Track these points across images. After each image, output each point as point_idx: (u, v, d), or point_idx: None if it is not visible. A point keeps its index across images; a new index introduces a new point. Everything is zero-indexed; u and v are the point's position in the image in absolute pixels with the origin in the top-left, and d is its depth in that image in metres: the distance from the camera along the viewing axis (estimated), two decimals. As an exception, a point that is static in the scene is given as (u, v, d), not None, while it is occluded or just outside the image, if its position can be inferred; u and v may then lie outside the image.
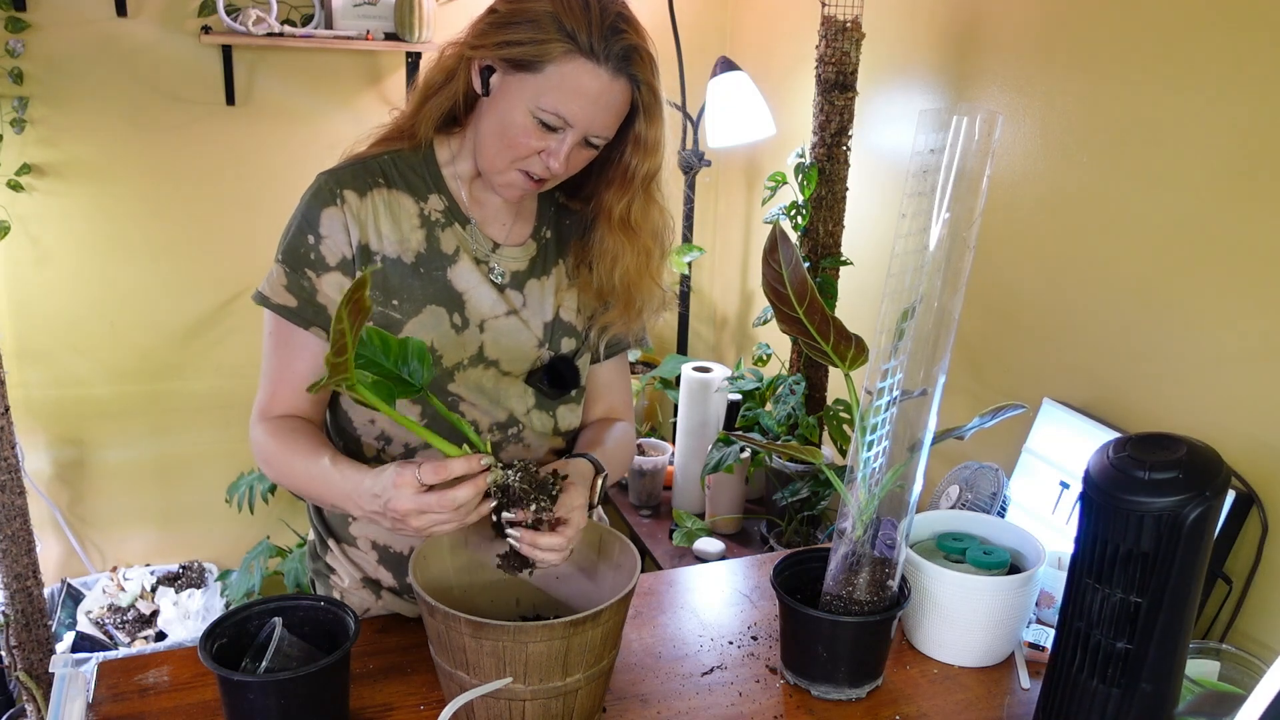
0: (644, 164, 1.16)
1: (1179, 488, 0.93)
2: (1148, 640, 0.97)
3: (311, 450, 1.11)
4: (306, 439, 1.13)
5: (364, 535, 1.25)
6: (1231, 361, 1.30)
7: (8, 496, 1.98)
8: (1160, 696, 0.98)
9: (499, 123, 1.10)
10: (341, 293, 1.12)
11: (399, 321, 1.16)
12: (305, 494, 1.14)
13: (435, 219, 1.18)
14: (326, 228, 1.13)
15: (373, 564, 1.25)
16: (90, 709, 1.07)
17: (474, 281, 1.19)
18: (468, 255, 1.19)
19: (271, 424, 1.15)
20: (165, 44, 2.27)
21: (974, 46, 1.74)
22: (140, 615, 2.41)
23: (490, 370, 1.21)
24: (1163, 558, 0.94)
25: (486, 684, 0.96)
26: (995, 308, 1.72)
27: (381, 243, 1.15)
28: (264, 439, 1.14)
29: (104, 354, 2.42)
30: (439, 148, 1.20)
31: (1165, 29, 1.37)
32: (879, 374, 1.06)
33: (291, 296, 1.14)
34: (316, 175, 1.15)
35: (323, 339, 1.14)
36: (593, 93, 1.07)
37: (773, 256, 1.07)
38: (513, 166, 1.12)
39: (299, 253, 1.14)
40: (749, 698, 1.14)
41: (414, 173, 1.18)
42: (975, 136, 1.02)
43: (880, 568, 1.12)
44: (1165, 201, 1.38)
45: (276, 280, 1.14)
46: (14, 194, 2.23)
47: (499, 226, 1.22)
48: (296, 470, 1.12)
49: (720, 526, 2.14)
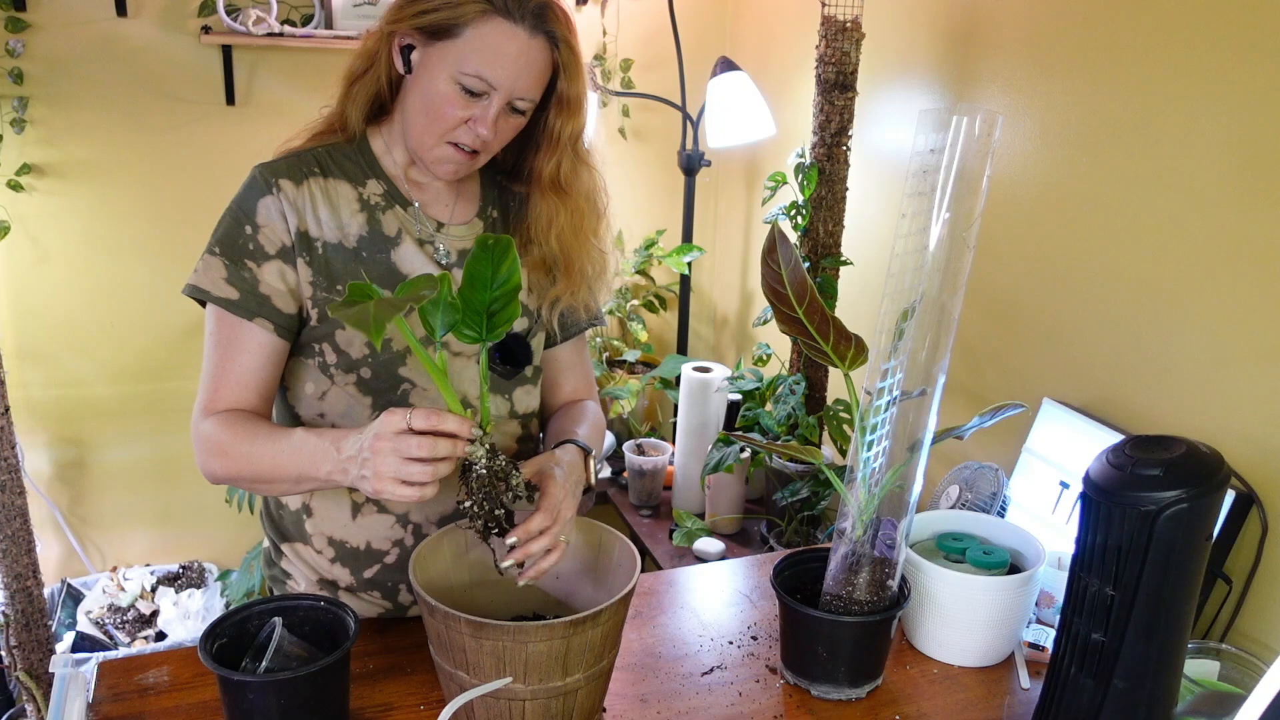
0: (568, 123, 1.17)
1: (1156, 485, 0.94)
2: (1119, 635, 0.98)
3: (276, 429, 1.09)
4: (266, 424, 1.12)
5: (319, 532, 1.24)
6: (1232, 361, 1.30)
7: (8, 496, 1.98)
8: (1134, 695, 0.98)
9: (423, 97, 1.11)
10: (283, 281, 1.12)
11: None
12: (268, 475, 1.09)
13: (375, 202, 1.18)
14: (263, 216, 1.12)
15: (328, 563, 1.24)
16: (90, 709, 1.07)
17: (419, 263, 1.19)
18: (410, 237, 1.19)
19: (221, 417, 1.11)
20: (165, 44, 2.27)
21: (974, 46, 1.74)
22: (140, 615, 2.41)
23: (442, 352, 1.20)
24: (1133, 552, 0.95)
25: (486, 684, 0.96)
26: (995, 308, 1.72)
27: (321, 229, 1.14)
28: (216, 430, 1.10)
29: (104, 354, 2.42)
30: (372, 139, 1.20)
31: (1165, 29, 1.37)
32: (879, 374, 1.06)
33: (233, 289, 1.11)
34: (250, 169, 1.15)
35: (268, 330, 1.12)
36: (512, 52, 1.07)
37: (771, 256, 1.07)
38: (442, 140, 1.12)
39: (237, 244, 1.12)
40: (749, 698, 1.14)
41: (349, 161, 1.18)
42: (975, 136, 1.02)
43: (880, 568, 1.12)
44: (1165, 201, 1.38)
45: (214, 273, 1.12)
46: (14, 194, 2.23)
47: (442, 207, 1.22)
48: (259, 451, 1.08)
49: (720, 526, 2.14)
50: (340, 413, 1.18)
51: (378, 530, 1.23)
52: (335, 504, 1.22)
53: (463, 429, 0.97)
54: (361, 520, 1.22)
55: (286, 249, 1.13)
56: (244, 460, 1.09)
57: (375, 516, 1.22)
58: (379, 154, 1.20)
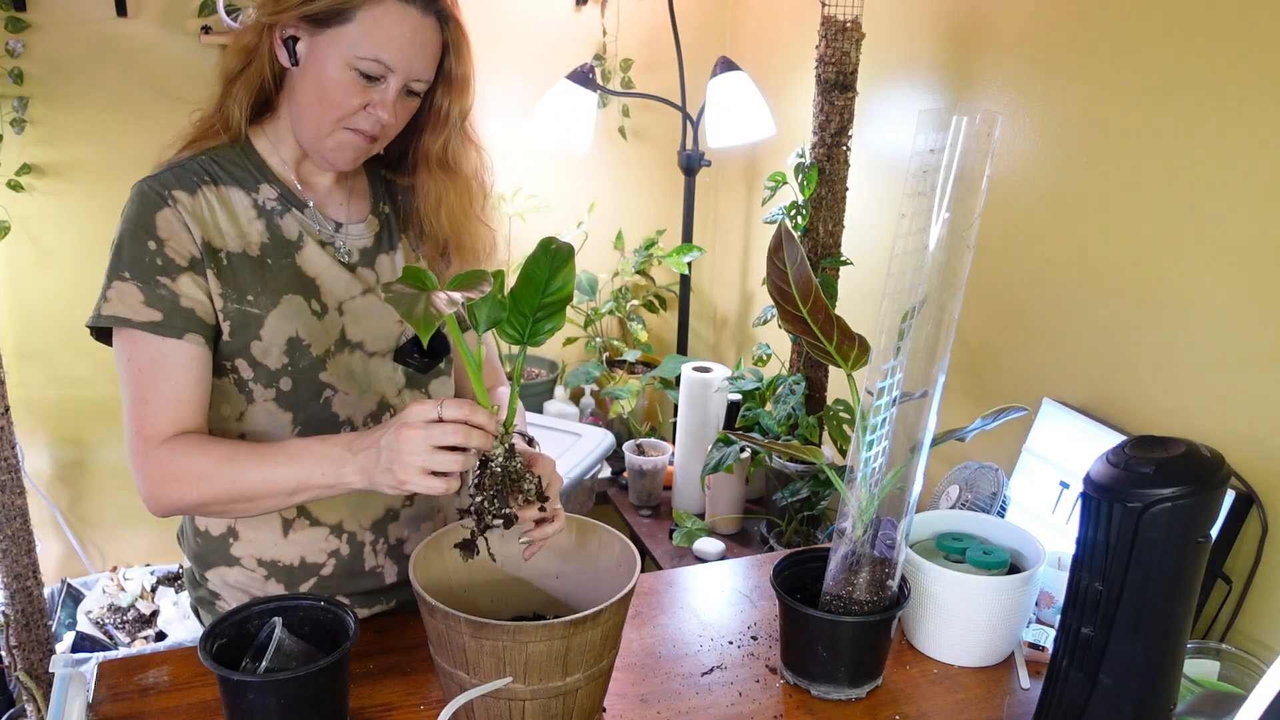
0: (456, 102, 1.17)
1: (1145, 482, 0.94)
2: (1106, 630, 0.98)
3: (257, 445, 1.05)
4: (242, 441, 1.08)
5: (248, 555, 1.21)
6: (1232, 361, 1.30)
7: (8, 496, 1.98)
8: (1120, 692, 0.99)
9: (316, 87, 1.08)
10: (201, 291, 1.08)
11: (258, 316, 1.11)
12: (254, 493, 1.02)
13: (271, 207, 1.15)
14: (165, 230, 1.07)
15: (260, 581, 1.22)
16: (90, 709, 1.07)
17: (324, 264, 1.17)
18: (312, 239, 1.17)
19: (180, 441, 1.04)
20: (165, 44, 2.27)
21: (974, 46, 1.74)
22: (140, 615, 2.41)
23: (357, 354, 1.19)
24: (1119, 548, 0.96)
25: (486, 684, 0.96)
26: (995, 308, 1.72)
27: (224, 239, 1.11)
28: (180, 456, 1.03)
29: (104, 354, 2.37)
30: (255, 139, 1.17)
31: (1165, 29, 1.37)
32: (879, 374, 1.06)
33: (154, 310, 1.05)
34: (133, 186, 1.10)
35: (199, 344, 1.07)
36: (407, 33, 1.06)
37: (778, 255, 1.08)
38: (339, 126, 1.10)
39: (144, 262, 1.06)
40: (749, 697, 1.14)
41: (236, 166, 1.15)
42: (975, 136, 1.02)
43: (880, 568, 1.12)
44: (1165, 201, 1.38)
45: (129, 298, 1.05)
46: (14, 194, 2.23)
47: (336, 206, 1.21)
48: (243, 469, 1.02)
49: (720, 526, 2.14)
50: (260, 433, 1.15)
51: (311, 544, 1.21)
52: (264, 524, 1.20)
53: (490, 424, 0.95)
54: (294, 536, 1.20)
55: (196, 260, 1.08)
56: (224, 481, 1.02)
57: (308, 530, 1.20)
58: (265, 154, 1.16)
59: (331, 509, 1.21)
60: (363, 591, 1.25)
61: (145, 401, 1.06)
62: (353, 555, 1.23)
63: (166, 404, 1.06)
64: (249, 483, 1.03)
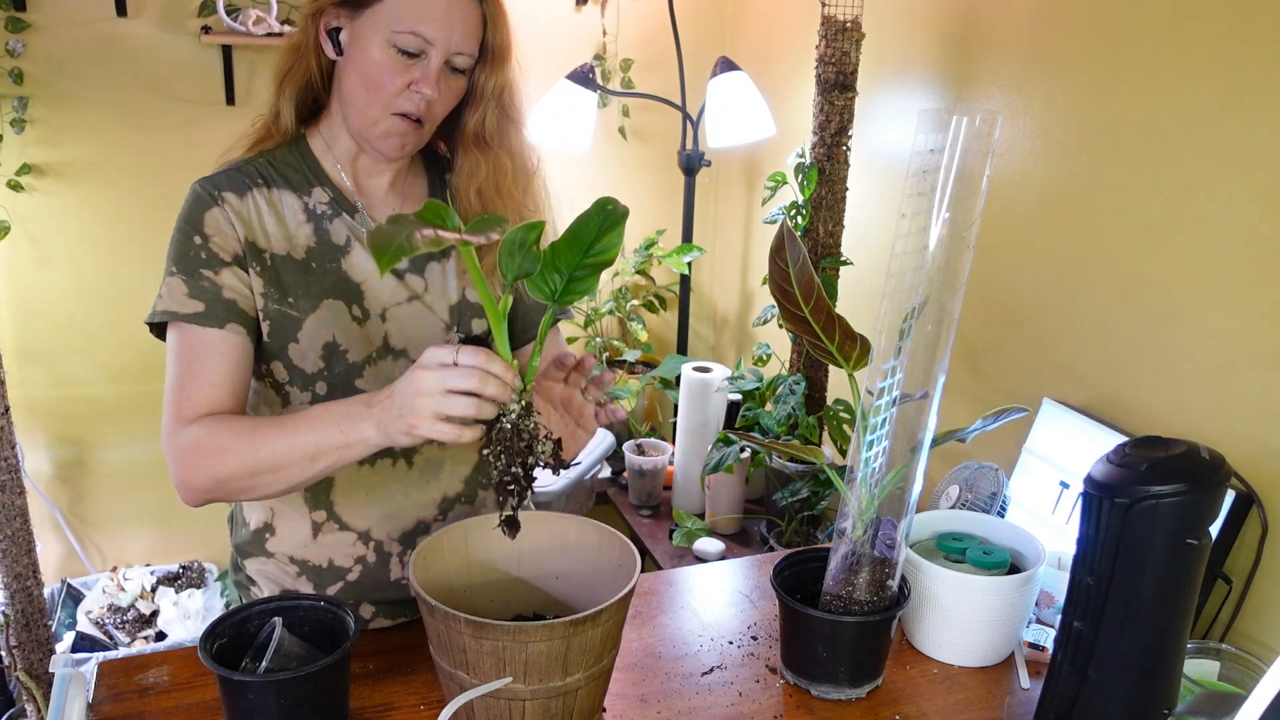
0: (493, 76, 1.16)
1: (1136, 480, 0.95)
2: (1095, 625, 0.99)
3: (278, 416, 1.04)
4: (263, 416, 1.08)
5: (281, 551, 1.22)
6: (1232, 361, 1.30)
7: (8, 496, 1.98)
8: (1107, 688, 0.99)
9: (360, 71, 1.09)
10: (244, 285, 1.10)
11: (296, 319, 1.13)
12: (277, 462, 1.01)
13: (321, 211, 1.16)
14: (211, 227, 1.10)
15: (292, 578, 1.23)
16: (90, 709, 1.07)
17: (370, 269, 1.16)
18: (360, 244, 1.16)
19: (206, 421, 1.05)
20: (165, 44, 2.27)
21: (974, 46, 1.74)
22: (140, 615, 2.41)
23: (400, 361, 1.18)
24: (1107, 543, 0.97)
25: (486, 684, 0.96)
26: (995, 308, 1.72)
27: (269, 240, 1.13)
28: (204, 433, 1.04)
29: (104, 354, 2.42)
30: (311, 140, 1.18)
31: (1166, 29, 1.37)
32: (880, 374, 1.06)
33: (197, 302, 1.08)
34: (191, 185, 1.13)
35: (239, 334, 1.09)
36: (443, 3, 1.07)
37: (780, 255, 1.07)
38: (387, 112, 1.10)
39: (189, 256, 1.09)
40: (749, 697, 1.14)
41: (291, 169, 1.16)
42: (975, 136, 1.02)
43: (880, 568, 1.12)
44: (1165, 201, 1.38)
45: (176, 292, 1.08)
46: (14, 194, 2.23)
47: (388, 210, 1.20)
48: (264, 438, 1.01)
49: (720, 526, 2.14)
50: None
51: (339, 548, 1.22)
52: (296, 523, 1.21)
53: (507, 374, 0.90)
54: (322, 539, 1.21)
55: (240, 257, 1.11)
56: (247, 453, 1.01)
57: (336, 534, 1.21)
58: (319, 155, 1.17)
59: (360, 515, 1.21)
60: (388, 601, 1.25)
61: (182, 387, 1.08)
62: (379, 564, 1.23)
63: (200, 389, 1.07)
64: (270, 452, 1.01)
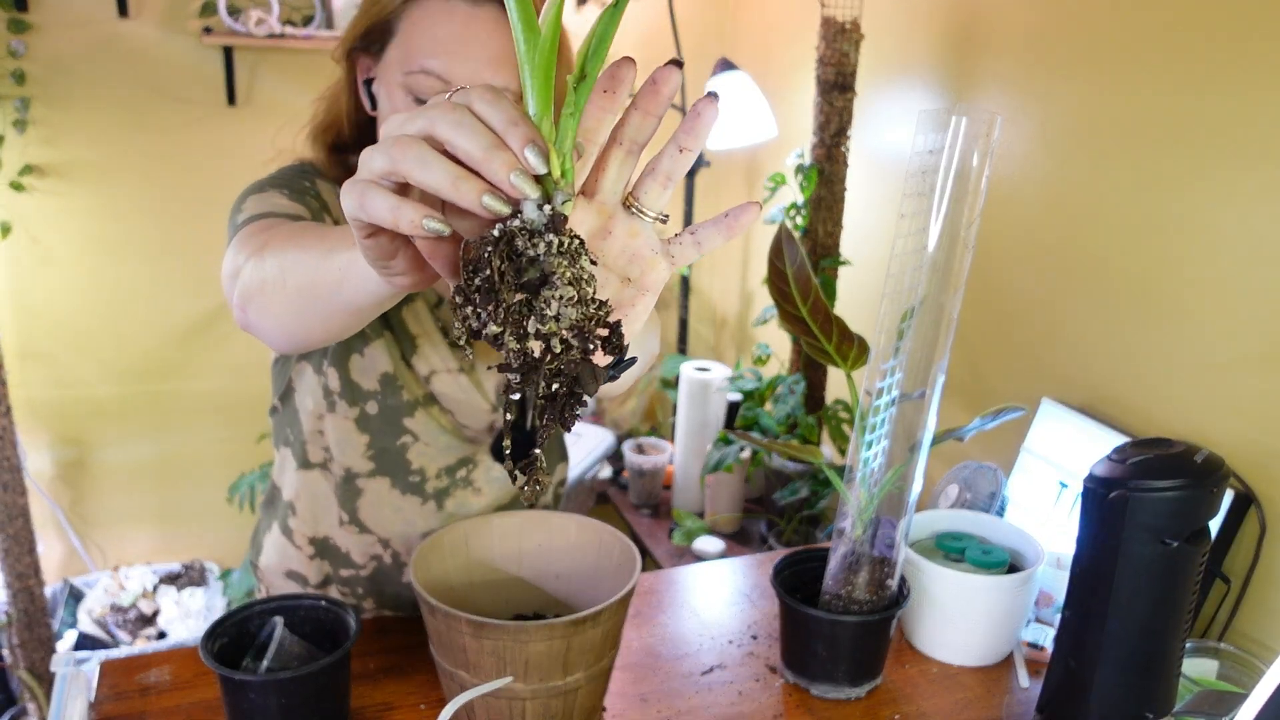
0: None
1: (1126, 476, 0.95)
2: (1078, 612, 1.00)
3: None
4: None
5: (299, 531, 1.23)
6: (1231, 361, 1.30)
7: (10, 496, 1.98)
8: (1085, 680, 1.00)
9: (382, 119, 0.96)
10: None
11: (365, 334, 1.08)
12: (300, 258, 0.72)
13: None
14: (325, 191, 1.04)
15: (306, 560, 1.23)
16: (92, 708, 1.07)
17: (427, 327, 1.10)
18: (422, 297, 1.09)
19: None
20: (167, 45, 2.28)
21: (974, 46, 1.75)
22: (142, 614, 2.41)
23: (447, 415, 1.16)
24: (1099, 538, 0.98)
25: (487, 683, 0.96)
26: (995, 308, 1.72)
27: None
28: (259, 237, 0.82)
29: (105, 354, 2.42)
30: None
31: (1165, 28, 1.37)
32: (879, 374, 1.07)
33: (300, 206, 0.94)
34: (292, 161, 1.07)
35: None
36: (455, 31, 0.88)
37: (778, 256, 1.08)
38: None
39: (299, 184, 0.97)
40: (749, 697, 1.15)
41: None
42: (975, 137, 1.02)
43: (880, 567, 1.12)
44: (1165, 202, 1.38)
45: (274, 199, 0.92)
46: (16, 194, 2.24)
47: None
48: (285, 231, 0.82)
49: (720, 526, 2.15)
50: (335, 441, 1.14)
51: (358, 546, 1.22)
52: (324, 511, 1.21)
53: (520, 126, 0.49)
54: (344, 531, 1.22)
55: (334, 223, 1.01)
56: (278, 253, 0.76)
57: (357, 536, 1.22)
58: None
59: (383, 524, 1.21)
60: (394, 595, 1.26)
61: (255, 237, 0.84)
62: (394, 565, 1.24)
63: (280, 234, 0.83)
64: (299, 243, 0.74)
